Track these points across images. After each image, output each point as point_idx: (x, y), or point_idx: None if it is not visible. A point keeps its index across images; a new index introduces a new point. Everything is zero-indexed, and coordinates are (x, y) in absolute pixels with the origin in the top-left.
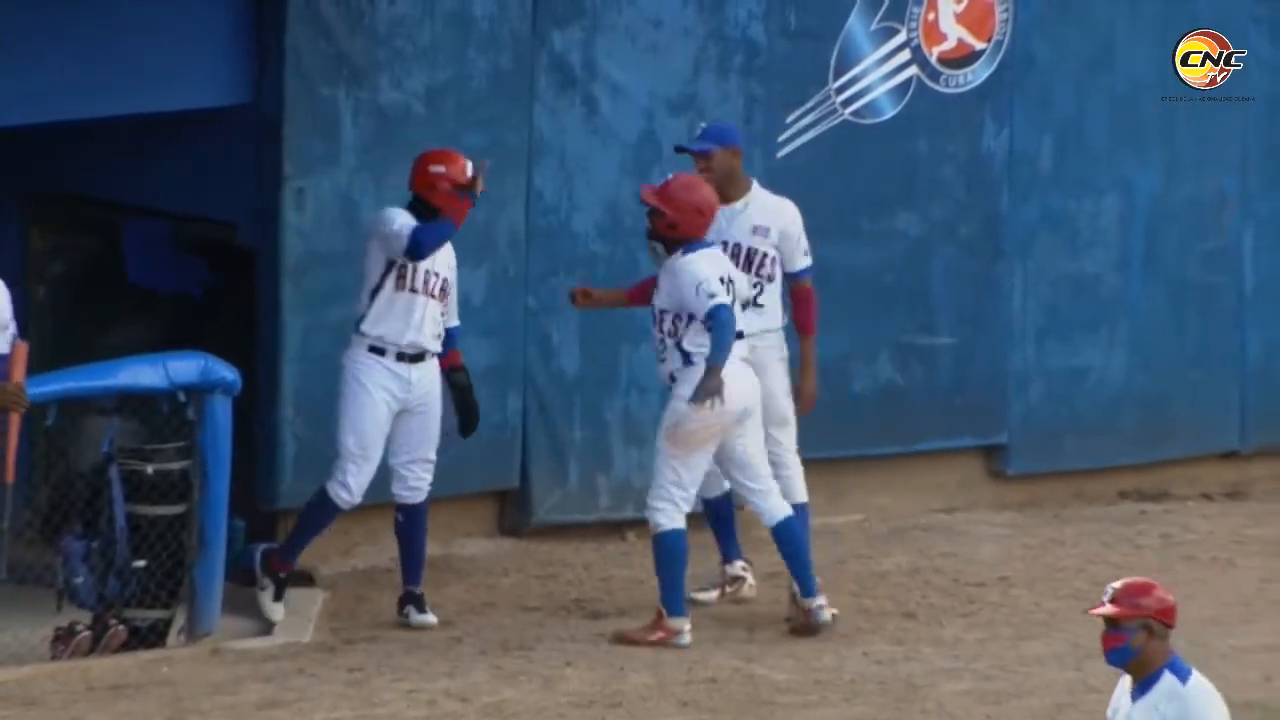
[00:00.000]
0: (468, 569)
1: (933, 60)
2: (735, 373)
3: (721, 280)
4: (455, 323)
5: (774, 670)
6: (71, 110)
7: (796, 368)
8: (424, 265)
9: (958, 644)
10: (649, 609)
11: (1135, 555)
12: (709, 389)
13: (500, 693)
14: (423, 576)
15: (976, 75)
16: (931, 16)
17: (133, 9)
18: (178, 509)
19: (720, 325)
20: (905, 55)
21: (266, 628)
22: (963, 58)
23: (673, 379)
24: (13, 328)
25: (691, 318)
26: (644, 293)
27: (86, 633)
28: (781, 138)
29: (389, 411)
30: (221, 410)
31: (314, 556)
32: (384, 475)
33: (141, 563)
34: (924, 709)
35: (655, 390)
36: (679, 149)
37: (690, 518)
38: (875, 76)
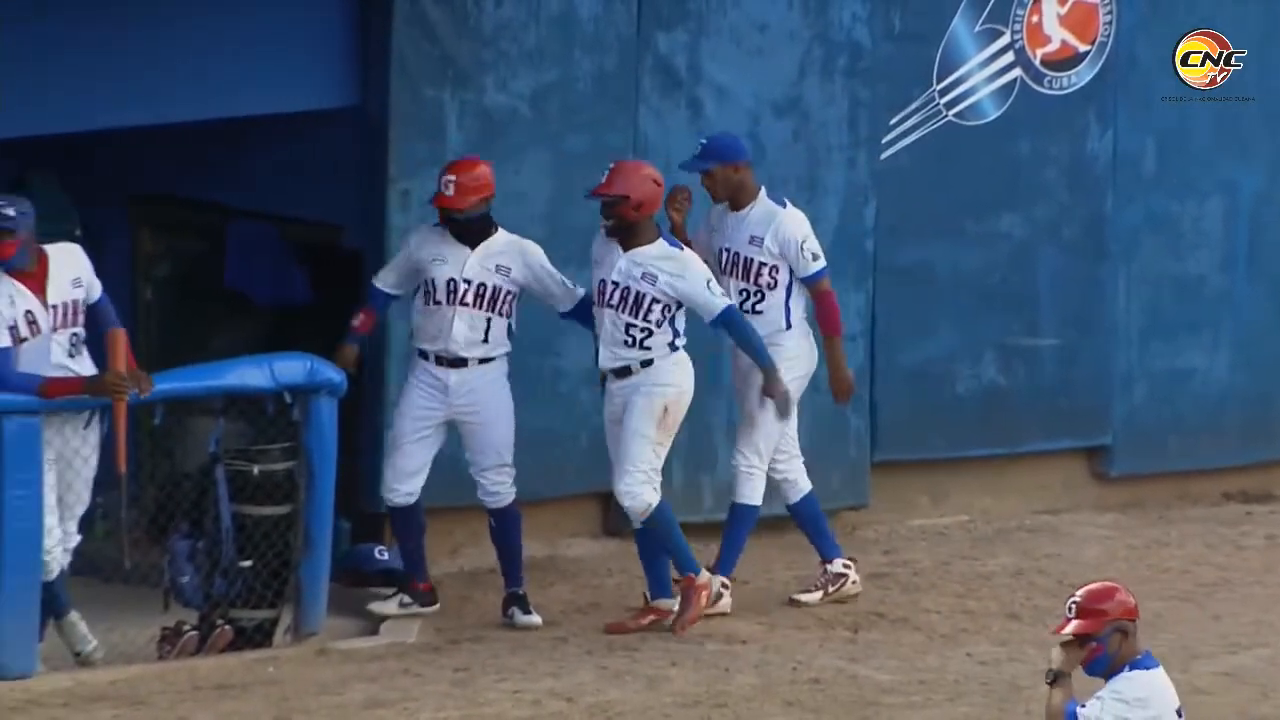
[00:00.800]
0: (572, 569)
1: (1036, 62)
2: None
3: None
4: (569, 307)
5: (878, 671)
6: (180, 112)
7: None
8: (445, 276)
9: None
10: (754, 609)
11: (1239, 556)
12: (779, 393)
13: (605, 693)
14: (524, 577)
15: (1080, 77)
16: (1035, 19)
17: (240, 13)
18: (283, 509)
19: (744, 325)
20: (1009, 57)
21: (372, 628)
22: (1066, 59)
23: (644, 366)
24: (99, 289)
25: (679, 305)
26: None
27: (193, 632)
28: (885, 139)
29: (428, 412)
30: (327, 411)
31: None
32: (473, 480)
33: (247, 563)
34: (1028, 710)
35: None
36: (684, 167)
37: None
38: (979, 79)
